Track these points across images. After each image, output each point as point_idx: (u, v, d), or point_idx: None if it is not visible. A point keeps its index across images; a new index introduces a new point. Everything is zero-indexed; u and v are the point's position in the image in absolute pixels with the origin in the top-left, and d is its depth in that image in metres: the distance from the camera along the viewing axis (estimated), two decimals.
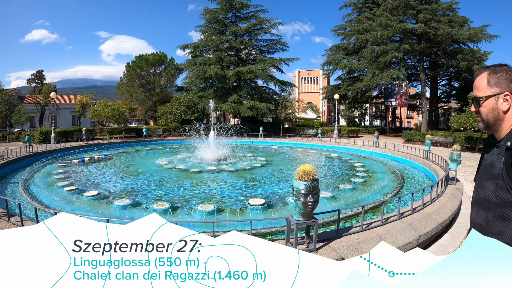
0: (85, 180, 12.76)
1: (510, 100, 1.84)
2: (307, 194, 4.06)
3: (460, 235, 6.83)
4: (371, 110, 60.58)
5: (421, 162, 16.38)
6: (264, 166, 16.35)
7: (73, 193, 10.41)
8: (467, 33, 39.84)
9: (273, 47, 44.85)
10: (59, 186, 11.31)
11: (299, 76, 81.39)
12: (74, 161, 17.25)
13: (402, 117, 76.56)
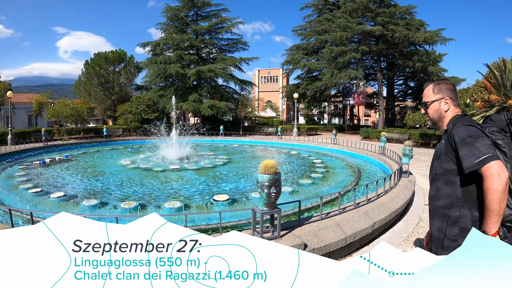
0: (49, 182, 12.55)
1: (449, 103, 2.59)
2: (270, 186, 4.39)
3: (413, 222, 7.42)
4: (330, 109, 61.79)
5: (377, 158, 17.23)
6: (226, 164, 16.64)
7: (39, 195, 10.27)
8: (423, 36, 41.56)
9: (233, 46, 44.89)
10: (23, 189, 11.08)
11: (259, 75, 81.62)
12: (35, 163, 16.89)
13: (360, 115, 78.41)
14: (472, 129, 2.26)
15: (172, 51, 41.37)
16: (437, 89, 2.64)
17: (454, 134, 2.33)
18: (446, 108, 2.59)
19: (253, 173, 14.33)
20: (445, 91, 2.61)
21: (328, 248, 5.02)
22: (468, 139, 2.20)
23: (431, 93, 2.66)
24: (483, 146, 2.12)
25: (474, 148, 2.14)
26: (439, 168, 2.52)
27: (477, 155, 2.09)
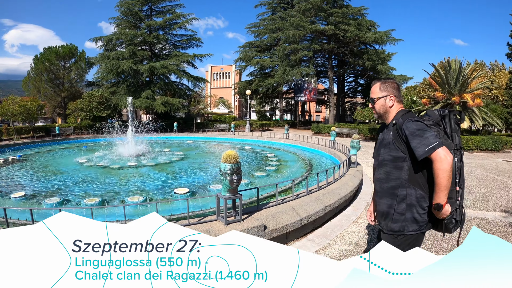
0: (7, 182, 12.17)
1: (393, 99, 3.02)
2: (232, 173, 4.86)
3: (361, 207, 8.23)
4: (282, 105, 62.81)
5: (327, 151, 18.11)
6: (182, 159, 16.91)
7: None
8: (373, 36, 43.32)
9: (187, 42, 44.74)
10: None
11: (211, 72, 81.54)
12: None
13: (311, 111, 79.72)
14: (419, 123, 2.72)
15: (125, 46, 40.63)
16: (383, 87, 3.06)
17: (405, 128, 2.76)
18: (390, 104, 3.03)
19: (210, 168, 14.80)
20: (390, 89, 3.04)
21: (285, 229, 5.57)
22: (417, 132, 2.67)
23: (378, 90, 3.08)
24: (430, 136, 2.60)
25: (424, 139, 2.61)
26: (387, 155, 2.96)
27: (427, 144, 2.58)
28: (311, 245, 5.71)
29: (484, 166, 17.59)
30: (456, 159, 2.78)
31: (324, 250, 5.50)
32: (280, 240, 5.62)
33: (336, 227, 6.63)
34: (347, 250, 5.52)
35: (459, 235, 2.97)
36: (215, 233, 4.69)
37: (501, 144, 29.14)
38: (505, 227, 7.15)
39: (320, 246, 5.67)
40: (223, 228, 4.85)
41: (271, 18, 55.18)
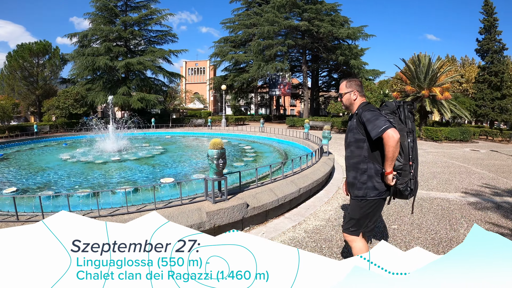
0: None
1: (356, 94, 3.71)
2: (219, 158, 5.55)
3: (333, 190, 9.16)
4: (257, 99, 63.20)
5: (301, 142, 18.92)
6: (163, 153, 17.33)
7: None
8: (346, 31, 44.48)
9: (162, 38, 44.51)
10: None
11: (186, 67, 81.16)
12: None
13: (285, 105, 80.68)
14: (373, 112, 3.42)
15: (100, 42, 40.08)
16: (348, 84, 3.76)
17: (363, 116, 3.45)
18: (354, 97, 3.72)
19: (191, 160, 15.40)
20: (353, 86, 3.74)
21: (265, 207, 6.31)
22: (372, 118, 3.36)
23: (344, 87, 3.78)
24: (381, 121, 3.28)
25: (376, 124, 3.30)
26: (352, 138, 3.67)
27: (379, 126, 3.26)
28: (288, 221, 6.48)
29: (451, 155, 18.72)
30: (409, 140, 3.52)
31: (300, 225, 6.29)
32: (261, 218, 6.38)
33: (310, 207, 7.46)
34: (320, 225, 6.34)
35: (413, 200, 3.79)
36: (205, 210, 5.37)
37: (469, 134, 30.60)
38: (463, 205, 8.19)
39: (296, 222, 6.45)
40: (211, 206, 5.51)
41: (246, 13, 55.65)
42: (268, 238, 5.60)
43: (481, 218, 7.16)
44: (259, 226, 6.28)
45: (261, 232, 5.92)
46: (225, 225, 5.59)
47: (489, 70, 41.57)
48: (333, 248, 5.32)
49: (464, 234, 6.15)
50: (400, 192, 3.55)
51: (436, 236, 6.06)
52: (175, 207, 5.42)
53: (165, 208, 5.34)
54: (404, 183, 3.49)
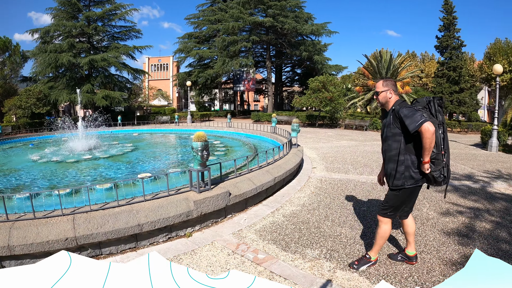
0: None
1: (392, 93, 4.11)
2: (203, 149, 5.95)
3: (304, 179, 9.82)
4: (221, 95, 63.46)
5: (269, 136, 19.54)
6: (134, 150, 17.36)
7: None
8: (310, 28, 45.28)
9: (126, 34, 43.73)
10: None
11: (149, 63, 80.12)
12: None
13: (249, 100, 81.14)
14: (410, 108, 3.79)
15: (63, 38, 38.58)
16: (385, 83, 4.14)
17: (400, 112, 3.81)
18: (390, 96, 4.10)
19: (163, 156, 15.66)
20: (390, 85, 4.12)
21: (245, 195, 6.78)
22: (409, 113, 3.73)
23: (381, 86, 4.15)
24: (417, 116, 3.66)
25: (413, 118, 3.68)
26: (389, 132, 4.06)
27: (416, 121, 3.65)
28: (266, 208, 6.99)
29: None
30: (440, 131, 3.95)
31: (278, 211, 6.82)
32: (241, 206, 6.88)
33: (285, 195, 8.02)
34: (296, 209, 6.91)
35: (446, 185, 4.32)
36: (192, 199, 5.73)
37: None
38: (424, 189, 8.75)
39: (274, 208, 6.97)
40: (197, 195, 5.89)
41: (210, 9, 55.60)
42: (250, 223, 6.12)
43: (441, 199, 7.96)
44: (240, 213, 6.75)
45: (243, 218, 6.39)
46: (211, 213, 6.02)
47: (448, 65, 43.42)
48: (311, 228, 5.88)
49: (427, 212, 6.93)
50: (434, 179, 4.00)
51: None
52: (163, 198, 5.75)
53: (153, 199, 5.64)
54: (438, 170, 3.95)
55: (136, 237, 5.12)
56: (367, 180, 9.91)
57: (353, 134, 27.18)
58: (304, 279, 4.17)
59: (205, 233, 5.70)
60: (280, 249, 5.04)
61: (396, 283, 4.14)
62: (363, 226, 6.06)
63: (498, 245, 5.37)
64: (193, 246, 5.12)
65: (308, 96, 34.43)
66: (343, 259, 4.74)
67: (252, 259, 4.69)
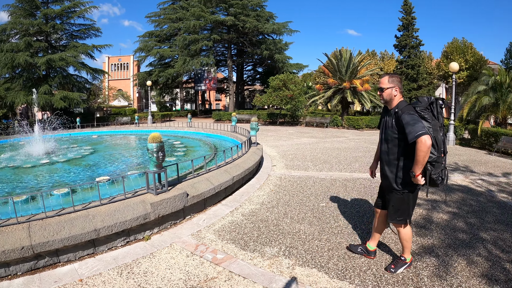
0: None
1: (397, 90, 4.01)
2: (158, 151, 5.83)
3: (263, 177, 9.83)
4: (182, 95, 62.96)
5: (229, 135, 19.49)
6: (93, 153, 16.89)
7: None
8: (271, 27, 45.47)
9: (85, 32, 41.70)
10: None
11: (108, 63, 78.02)
12: None
13: (211, 100, 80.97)
14: (413, 116, 3.72)
15: (20, 37, 36.91)
16: (390, 80, 4.01)
17: (402, 119, 3.75)
18: (395, 93, 3.99)
19: (122, 158, 15.26)
20: (395, 82, 4.00)
21: (203, 196, 6.70)
22: (411, 121, 3.68)
23: (386, 82, 4.02)
24: (418, 127, 3.61)
25: (414, 128, 3.63)
26: (390, 135, 4.03)
27: (416, 131, 3.60)
28: (225, 208, 6.96)
29: (371, 141, 20.14)
30: (441, 134, 3.91)
31: (237, 210, 6.80)
32: (200, 206, 6.80)
33: (244, 194, 8.00)
34: (255, 208, 6.91)
35: (446, 187, 4.35)
36: (149, 201, 5.62)
37: None
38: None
39: (233, 208, 6.94)
40: (154, 198, 5.77)
41: (172, 7, 54.92)
42: (209, 224, 6.06)
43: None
44: (199, 214, 6.68)
45: (202, 219, 6.33)
46: (169, 214, 5.92)
47: (406, 63, 45.16)
48: (270, 226, 5.90)
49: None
50: (433, 181, 3.96)
51: (361, 209, 6.94)
52: (120, 201, 5.61)
53: (110, 203, 5.50)
54: (437, 173, 3.93)
55: (94, 243, 4.96)
56: (326, 177, 10.02)
57: (314, 132, 27.44)
58: (263, 277, 4.17)
59: (164, 235, 5.61)
60: (239, 248, 5.03)
61: (355, 276, 4.20)
62: (321, 222, 6.12)
63: (455, 234, 5.58)
64: (151, 249, 5.03)
65: (268, 94, 34.59)
66: (302, 255, 4.77)
67: (211, 259, 4.66)
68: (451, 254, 4.87)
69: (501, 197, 8.04)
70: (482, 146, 17.99)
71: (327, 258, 4.71)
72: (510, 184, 9.61)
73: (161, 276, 4.23)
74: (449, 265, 4.55)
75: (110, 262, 4.62)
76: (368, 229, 5.82)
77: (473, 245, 5.17)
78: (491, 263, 4.60)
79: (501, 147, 15.75)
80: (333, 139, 21.55)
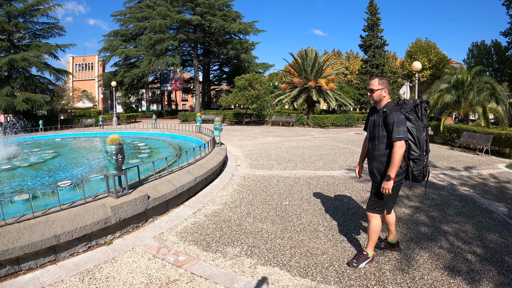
0: None
1: (386, 92, 4.22)
2: (117, 153, 5.73)
3: (227, 178, 9.82)
4: (148, 95, 62.31)
5: (194, 136, 19.41)
6: (56, 157, 16.52)
7: None
8: (237, 26, 45.55)
9: (49, 31, 40.01)
10: None
11: (73, 63, 75.63)
12: None
13: (177, 100, 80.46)
14: (400, 118, 3.97)
15: None
16: (380, 82, 4.22)
17: (389, 118, 4.01)
18: (384, 95, 4.22)
19: (86, 161, 14.92)
20: (385, 84, 4.23)
21: (165, 198, 6.62)
22: (397, 122, 3.94)
23: (376, 84, 4.23)
24: (402, 130, 3.92)
25: (398, 130, 3.92)
26: (377, 133, 4.22)
27: (398, 133, 3.91)
28: (188, 209, 6.90)
29: (336, 139, 20.40)
30: (424, 134, 4.21)
31: (200, 211, 6.75)
32: (162, 208, 6.72)
33: (207, 194, 7.96)
34: (218, 208, 6.89)
35: (426, 182, 4.56)
36: (110, 205, 5.50)
37: (353, 120, 33.94)
38: (347, 180, 9.51)
39: (196, 209, 6.90)
40: (115, 201, 5.67)
41: (138, 6, 53.99)
42: (172, 226, 6.00)
43: (362, 188, 8.33)
44: (162, 216, 6.60)
45: (164, 221, 6.25)
46: (130, 218, 5.82)
47: (371, 63, 46.49)
48: (232, 226, 5.89)
49: (348, 202, 7.26)
50: (415, 177, 4.29)
51: (324, 206, 7.00)
52: (80, 205, 5.47)
53: (70, 208, 5.36)
54: (419, 170, 4.24)
55: (55, 249, 4.82)
56: (290, 175, 10.10)
57: (279, 131, 27.65)
58: (225, 278, 4.17)
59: (126, 239, 5.52)
60: (201, 249, 5.00)
61: (317, 273, 4.25)
62: (284, 221, 6.15)
63: (418, 228, 5.73)
64: (113, 254, 4.95)
65: (234, 94, 34.60)
66: (264, 254, 4.79)
67: (173, 262, 4.62)
68: (413, 247, 5.00)
69: (462, 190, 8.34)
70: (445, 141, 18.74)
71: (289, 256, 4.74)
72: (472, 177, 9.99)
73: (123, 280, 4.17)
74: (411, 258, 4.66)
75: (71, 268, 4.52)
76: (330, 226, 5.89)
77: (435, 238, 5.34)
78: (453, 255, 4.75)
79: (463, 142, 16.50)
80: (298, 137, 21.75)
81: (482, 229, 5.76)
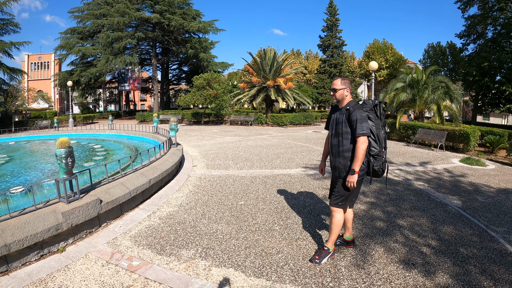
0: None
1: (348, 91, 4.45)
2: (67, 156, 5.55)
3: (183, 179, 9.76)
4: (105, 96, 60.82)
5: (151, 137, 19.19)
6: (8, 162, 15.86)
7: None
8: (197, 25, 45.32)
9: (3, 28, 37.69)
10: None
11: (28, 61, 73.07)
12: None
13: (136, 100, 79.41)
14: (363, 115, 4.19)
15: None
16: (342, 82, 4.43)
17: (353, 115, 4.20)
18: (346, 94, 4.44)
19: (40, 166, 14.47)
20: (347, 84, 4.43)
21: (118, 201, 6.49)
22: (360, 119, 4.14)
23: (339, 83, 4.43)
24: (365, 126, 4.13)
25: (361, 126, 4.13)
26: (341, 130, 4.39)
27: (361, 129, 4.12)
28: (143, 212, 6.79)
29: (294, 137, 20.60)
30: (382, 132, 4.41)
31: (154, 214, 6.66)
32: (116, 212, 6.58)
33: (162, 196, 7.87)
34: (173, 211, 6.81)
35: (386, 177, 5.25)
36: (61, 211, 5.33)
37: (312, 119, 34.44)
38: (303, 177, 9.68)
39: (150, 211, 6.80)
40: (66, 206, 5.48)
41: (96, 2, 52.24)
42: (126, 230, 5.89)
43: (318, 186, 8.46)
44: (115, 220, 6.46)
45: (118, 225, 6.13)
46: (83, 223, 5.67)
47: (330, 62, 47.51)
48: (187, 228, 5.84)
49: (304, 200, 7.36)
50: (375, 172, 4.45)
51: (279, 205, 7.08)
52: (31, 212, 5.26)
53: (20, 215, 5.14)
54: (379, 165, 4.43)
55: (6, 259, 4.61)
56: (247, 175, 10.14)
57: (238, 130, 27.67)
58: (179, 281, 4.13)
59: (79, 245, 5.36)
60: (155, 253, 4.94)
61: (272, 273, 4.28)
62: (239, 221, 6.16)
63: (373, 223, 5.88)
64: (66, 262, 4.81)
65: (192, 94, 34.39)
66: (219, 255, 4.78)
67: (127, 267, 4.54)
68: (368, 243, 5.12)
69: (417, 185, 8.61)
70: (401, 138, 19.37)
71: (244, 256, 4.75)
72: (427, 172, 10.33)
73: None
74: (366, 253, 4.78)
75: (24, 278, 4.36)
76: (286, 224, 5.94)
77: (390, 233, 5.50)
78: (408, 248, 4.90)
79: (418, 139, 17.18)
80: (256, 136, 21.87)
81: (436, 222, 6.00)
